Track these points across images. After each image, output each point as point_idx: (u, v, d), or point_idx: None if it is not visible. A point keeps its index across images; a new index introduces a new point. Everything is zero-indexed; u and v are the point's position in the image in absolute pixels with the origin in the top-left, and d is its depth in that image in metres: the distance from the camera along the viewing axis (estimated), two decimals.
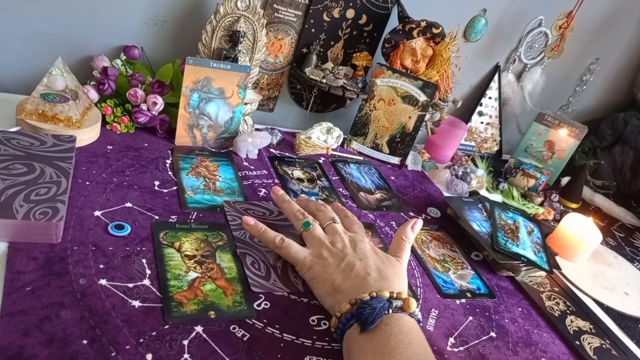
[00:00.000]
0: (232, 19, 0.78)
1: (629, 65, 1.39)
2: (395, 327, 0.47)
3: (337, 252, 0.58)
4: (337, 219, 0.63)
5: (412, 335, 0.47)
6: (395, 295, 0.50)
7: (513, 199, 1.07)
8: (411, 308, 0.50)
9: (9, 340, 0.40)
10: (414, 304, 0.50)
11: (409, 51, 0.95)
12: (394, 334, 0.47)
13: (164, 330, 0.47)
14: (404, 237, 0.63)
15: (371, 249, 0.59)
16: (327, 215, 0.63)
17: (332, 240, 0.59)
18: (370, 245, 0.60)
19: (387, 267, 0.57)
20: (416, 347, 0.46)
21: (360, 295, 0.51)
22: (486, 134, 1.26)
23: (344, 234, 0.61)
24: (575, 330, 0.70)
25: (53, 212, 0.51)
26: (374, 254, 0.58)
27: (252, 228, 0.61)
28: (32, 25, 0.76)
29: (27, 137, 0.62)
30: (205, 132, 0.81)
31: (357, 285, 0.53)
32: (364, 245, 0.59)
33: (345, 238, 0.60)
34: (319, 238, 0.60)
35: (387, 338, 0.46)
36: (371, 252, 0.58)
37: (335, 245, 0.59)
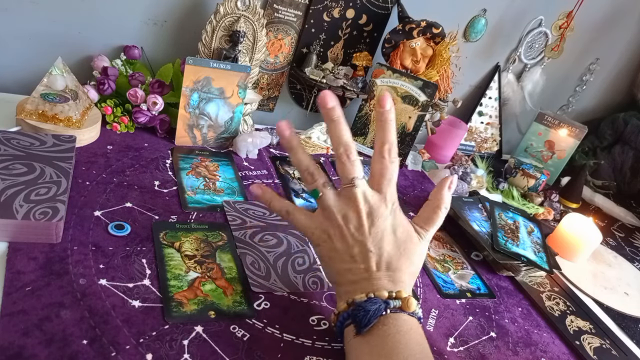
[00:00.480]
0: (232, 19, 0.78)
1: (629, 65, 1.39)
2: (392, 328, 0.46)
3: (346, 234, 0.50)
4: (360, 177, 0.51)
5: (411, 335, 0.46)
6: (394, 294, 0.48)
7: (513, 199, 1.07)
8: (411, 308, 0.47)
9: (9, 340, 0.40)
10: (414, 304, 0.48)
11: (409, 51, 0.95)
12: (391, 334, 0.45)
13: (164, 330, 0.47)
14: (441, 206, 0.55)
15: (390, 228, 0.51)
16: (347, 173, 0.51)
17: (345, 215, 0.50)
18: (391, 221, 0.51)
19: (401, 254, 0.51)
20: (414, 347, 0.45)
21: (356, 296, 0.48)
22: (486, 134, 1.26)
23: (363, 205, 0.50)
24: (575, 330, 0.70)
25: (53, 212, 0.51)
26: (391, 236, 0.51)
27: (260, 197, 0.56)
28: (32, 25, 0.76)
29: (27, 137, 0.62)
30: (205, 132, 0.81)
31: (358, 282, 0.50)
32: (382, 222, 0.50)
33: (363, 212, 0.50)
34: (329, 210, 0.51)
35: (383, 340, 0.45)
36: (389, 233, 0.51)
37: (348, 224, 0.50)
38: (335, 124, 0.52)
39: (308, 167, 0.52)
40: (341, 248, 0.50)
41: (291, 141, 0.53)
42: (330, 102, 0.51)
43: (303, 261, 0.62)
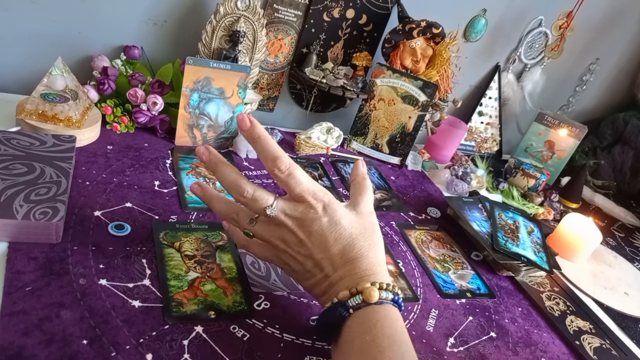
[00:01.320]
0: (232, 19, 0.78)
1: (629, 65, 1.39)
2: (357, 328, 0.44)
3: (294, 255, 0.50)
4: (269, 203, 0.49)
5: (377, 329, 0.44)
6: (355, 290, 0.46)
7: (513, 199, 1.07)
8: (372, 298, 0.45)
9: (9, 340, 0.40)
10: (375, 293, 0.45)
11: (409, 51, 0.95)
12: (356, 336, 0.44)
13: (164, 330, 0.47)
14: (362, 177, 0.55)
15: (328, 227, 0.49)
16: (257, 206, 0.49)
17: (283, 239, 0.50)
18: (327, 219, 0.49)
19: (351, 243, 0.49)
20: (382, 340, 0.43)
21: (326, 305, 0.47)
22: (486, 134, 1.26)
23: (291, 222, 0.49)
24: (575, 330, 0.70)
25: (53, 212, 0.51)
26: (333, 234, 0.49)
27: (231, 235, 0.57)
28: (32, 25, 0.76)
29: (27, 137, 0.62)
30: (205, 132, 0.81)
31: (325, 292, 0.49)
32: (318, 227, 0.49)
33: (295, 228, 0.49)
34: (269, 241, 0.51)
35: (350, 344, 0.44)
36: (330, 232, 0.49)
37: (290, 246, 0.50)
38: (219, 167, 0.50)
39: (230, 213, 0.52)
40: (297, 268, 0.51)
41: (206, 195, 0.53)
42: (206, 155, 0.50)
43: None
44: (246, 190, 0.48)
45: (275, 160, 0.47)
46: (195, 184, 0.54)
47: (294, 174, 0.48)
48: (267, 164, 0.48)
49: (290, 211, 0.49)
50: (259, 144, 0.48)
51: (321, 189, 0.50)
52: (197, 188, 0.54)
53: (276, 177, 0.48)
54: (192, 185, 0.54)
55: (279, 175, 0.48)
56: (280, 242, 0.50)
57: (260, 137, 0.48)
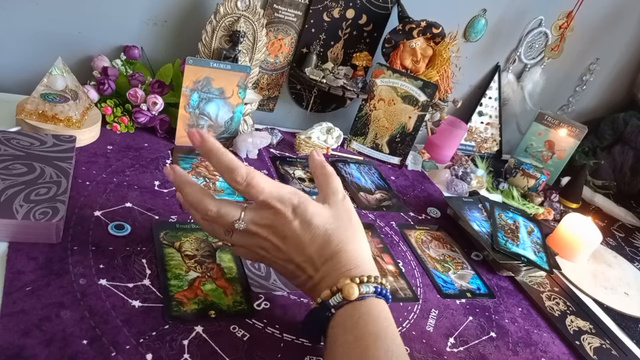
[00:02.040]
0: (232, 19, 0.78)
1: (629, 65, 1.39)
2: (339, 327, 0.44)
3: (275, 260, 0.50)
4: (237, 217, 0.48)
5: (360, 327, 0.43)
6: (335, 288, 0.45)
7: (513, 199, 1.07)
8: (352, 295, 0.44)
9: (9, 340, 0.40)
10: (354, 289, 0.44)
11: (409, 51, 0.95)
12: (339, 335, 0.44)
13: (164, 330, 0.47)
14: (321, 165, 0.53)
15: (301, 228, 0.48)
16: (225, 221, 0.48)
17: (260, 246, 0.50)
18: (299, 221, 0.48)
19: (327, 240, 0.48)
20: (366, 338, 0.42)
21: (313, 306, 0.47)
22: (486, 134, 1.26)
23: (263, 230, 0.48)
24: (575, 330, 0.70)
25: (53, 212, 0.51)
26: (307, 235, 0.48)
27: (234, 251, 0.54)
28: (32, 25, 0.76)
29: (27, 137, 0.62)
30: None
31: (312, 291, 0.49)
32: (290, 230, 0.48)
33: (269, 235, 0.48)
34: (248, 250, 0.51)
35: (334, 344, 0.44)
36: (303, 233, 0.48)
37: (268, 252, 0.50)
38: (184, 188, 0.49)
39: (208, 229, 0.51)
40: (282, 271, 0.51)
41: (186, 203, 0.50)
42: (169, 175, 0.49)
43: None
44: (209, 209, 0.47)
45: (232, 172, 0.46)
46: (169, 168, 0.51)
47: (253, 182, 0.46)
48: (224, 177, 0.47)
49: (259, 220, 0.48)
50: (213, 157, 0.47)
51: (289, 190, 0.48)
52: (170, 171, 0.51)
53: (236, 188, 0.47)
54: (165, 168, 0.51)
55: (238, 187, 0.47)
56: (259, 249, 0.50)
57: (212, 149, 0.47)
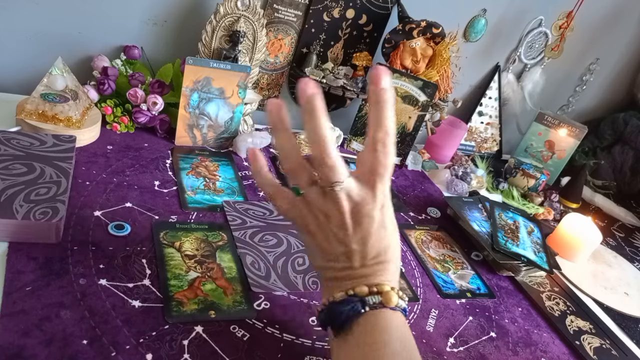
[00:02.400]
0: (232, 19, 0.78)
1: (629, 65, 1.39)
2: (371, 326, 0.43)
3: (329, 234, 0.46)
4: (342, 179, 0.44)
5: (390, 333, 0.43)
6: (375, 289, 0.44)
7: (513, 199, 1.07)
8: (391, 302, 0.43)
9: (9, 340, 0.40)
10: (394, 298, 0.44)
11: (409, 51, 0.95)
12: (368, 334, 0.43)
13: (164, 330, 0.47)
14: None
15: (375, 227, 0.46)
16: (330, 175, 0.44)
17: (327, 214, 0.46)
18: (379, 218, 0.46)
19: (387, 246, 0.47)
20: (394, 345, 0.42)
21: (336, 294, 0.45)
22: (486, 134, 1.26)
23: (347, 204, 0.45)
24: (575, 330, 0.70)
25: (53, 212, 0.51)
26: (377, 233, 0.46)
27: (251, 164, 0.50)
28: (32, 25, 0.76)
29: (27, 137, 0.62)
30: (205, 132, 0.81)
31: (340, 279, 0.46)
32: (368, 221, 0.46)
33: (347, 212, 0.45)
34: (311, 207, 0.47)
35: (361, 340, 0.43)
36: (376, 230, 0.46)
37: (330, 224, 0.46)
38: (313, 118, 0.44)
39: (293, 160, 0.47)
40: (325, 246, 0.47)
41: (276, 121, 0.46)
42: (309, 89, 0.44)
43: (303, 261, 0.62)
44: (331, 154, 0.44)
45: (387, 134, 0.44)
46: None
47: (392, 157, 0.45)
48: (376, 133, 0.45)
49: (354, 193, 0.45)
50: (381, 109, 0.44)
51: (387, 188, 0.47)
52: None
53: (374, 149, 0.45)
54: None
55: (379, 149, 0.44)
56: (323, 216, 0.46)
57: (386, 102, 0.44)
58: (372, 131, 0.45)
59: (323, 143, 0.44)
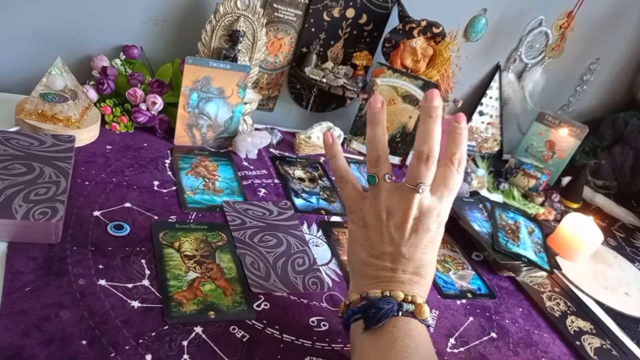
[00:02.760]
0: (231, 18, 0.78)
1: (629, 65, 1.39)
2: (402, 331, 0.45)
3: (384, 231, 0.48)
4: (427, 184, 0.48)
5: (419, 341, 0.45)
6: (410, 298, 0.46)
7: (514, 199, 1.06)
8: (423, 315, 0.46)
9: (9, 340, 0.40)
10: (427, 311, 0.46)
11: (409, 51, 0.94)
12: (400, 337, 0.44)
13: (164, 330, 0.46)
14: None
15: (430, 239, 0.49)
16: (423, 174, 0.48)
17: (391, 211, 0.48)
18: (435, 231, 0.49)
19: (430, 262, 0.49)
20: (422, 353, 0.44)
21: (371, 291, 0.47)
22: (487, 133, 1.26)
23: (415, 209, 0.48)
24: (575, 330, 0.69)
25: (52, 212, 0.51)
26: (428, 248, 0.49)
27: (327, 147, 0.54)
28: (32, 25, 0.76)
29: (26, 137, 0.62)
30: (205, 132, 0.81)
31: (378, 278, 0.48)
32: (425, 233, 0.48)
33: (411, 216, 0.48)
34: (377, 201, 0.49)
35: (392, 342, 0.44)
36: (428, 244, 0.49)
37: (389, 221, 0.48)
38: (433, 121, 0.50)
39: (382, 150, 0.51)
40: (375, 241, 0.49)
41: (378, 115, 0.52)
42: (435, 100, 0.50)
43: (303, 261, 0.62)
44: (435, 156, 0.49)
45: (463, 158, 0.50)
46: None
47: (462, 176, 0.50)
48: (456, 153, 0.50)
49: (425, 203, 0.49)
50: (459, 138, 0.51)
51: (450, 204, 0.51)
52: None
53: (449, 164, 0.50)
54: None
55: (454, 166, 0.50)
56: (385, 213, 0.49)
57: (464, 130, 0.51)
58: (450, 152, 0.50)
59: (434, 144, 0.49)
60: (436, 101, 0.50)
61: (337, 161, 0.54)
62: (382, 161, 0.50)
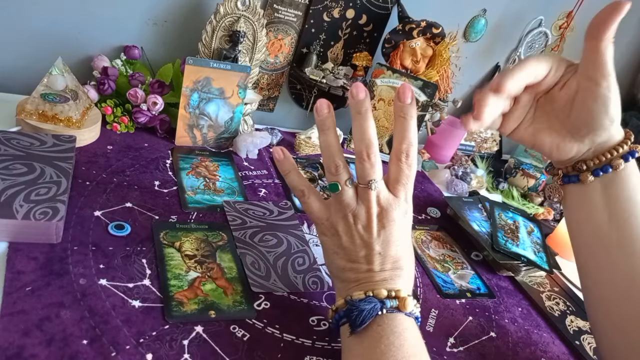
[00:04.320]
0: (232, 19, 0.78)
1: (629, 65, 1.39)
2: (387, 329, 0.45)
3: (355, 234, 0.49)
4: (378, 179, 0.49)
5: (406, 336, 0.45)
6: (394, 293, 0.47)
7: (513, 199, 1.07)
8: (407, 308, 0.46)
9: (9, 340, 0.40)
10: (411, 304, 0.46)
11: (409, 51, 0.95)
12: (384, 336, 0.44)
13: (164, 330, 0.47)
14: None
15: (400, 231, 0.50)
16: (365, 174, 0.49)
17: (356, 215, 0.49)
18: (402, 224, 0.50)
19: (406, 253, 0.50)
20: (409, 348, 0.44)
21: (354, 293, 0.47)
22: (486, 134, 1.26)
23: (375, 207, 0.49)
24: (575, 330, 0.70)
25: (53, 212, 0.51)
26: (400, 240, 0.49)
27: (279, 163, 0.55)
28: (32, 26, 0.76)
29: (27, 137, 0.62)
30: (205, 132, 0.81)
31: (358, 281, 0.49)
32: (393, 226, 0.49)
33: (374, 214, 0.49)
34: (343, 207, 0.50)
35: (377, 342, 0.44)
36: (399, 237, 0.49)
37: (357, 224, 0.49)
38: (362, 117, 0.49)
39: (339, 158, 0.51)
40: (348, 247, 0.50)
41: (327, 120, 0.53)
42: (360, 94, 0.49)
43: (303, 261, 0.62)
44: (375, 153, 0.49)
45: (410, 146, 0.49)
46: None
47: (413, 167, 0.49)
48: (399, 145, 0.49)
49: (382, 197, 0.49)
50: (405, 123, 0.49)
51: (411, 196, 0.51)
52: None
53: (397, 160, 0.49)
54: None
55: (402, 160, 0.49)
56: (352, 217, 0.49)
57: (411, 117, 0.49)
58: (397, 143, 0.49)
59: (370, 142, 0.49)
60: (361, 94, 0.49)
61: (292, 176, 0.54)
62: (341, 168, 0.50)
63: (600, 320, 0.54)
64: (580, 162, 0.53)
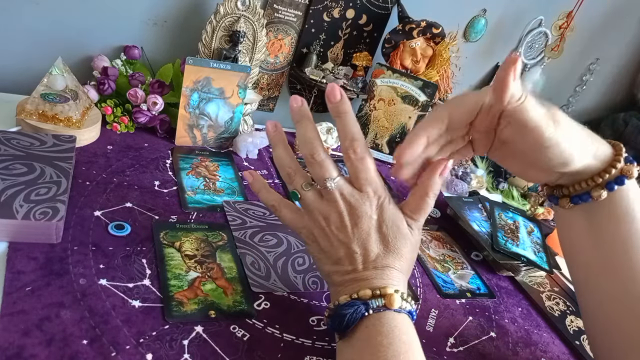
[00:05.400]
0: (232, 19, 0.78)
1: (629, 65, 1.39)
2: (374, 329, 0.44)
3: (330, 236, 0.48)
4: (333, 176, 0.48)
5: (395, 334, 0.43)
6: (378, 292, 0.45)
7: (513, 199, 1.07)
8: (394, 305, 0.44)
9: (9, 340, 0.40)
10: (397, 300, 0.45)
11: (409, 51, 0.95)
12: (372, 336, 0.43)
13: (164, 330, 0.47)
14: (429, 193, 0.49)
15: (376, 226, 0.48)
16: (320, 172, 0.48)
17: (327, 217, 0.48)
18: (377, 218, 0.48)
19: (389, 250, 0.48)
20: (399, 345, 0.43)
21: (341, 297, 0.46)
22: None
23: (343, 205, 0.48)
24: (575, 330, 0.70)
25: (53, 212, 0.51)
26: (377, 234, 0.48)
27: (250, 184, 0.55)
28: (32, 26, 0.76)
29: (27, 137, 0.62)
30: (206, 132, 0.81)
31: (344, 284, 0.48)
32: (366, 222, 0.48)
33: (344, 213, 0.48)
34: (311, 212, 0.50)
35: (366, 343, 0.43)
36: (375, 232, 0.48)
37: (330, 226, 0.48)
38: (301, 125, 0.50)
39: (288, 166, 0.51)
40: (328, 250, 0.49)
41: (274, 137, 0.52)
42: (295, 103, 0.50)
43: (303, 261, 0.62)
44: (319, 152, 0.48)
45: (353, 141, 0.48)
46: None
47: (366, 159, 0.48)
48: (344, 143, 0.48)
49: (347, 194, 0.48)
50: (343, 120, 0.48)
51: (382, 185, 0.49)
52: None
53: (348, 158, 0.48)
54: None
55: (351, 157, 0.48)
56: (323, 219, 0.49)
57: (346, 113, 0.48)
58: (341, 142, 0.49)
59: (311, 144, 0.49)
60: (295, 103, 0.50)
61: (262, 194, 0.54)
62: (293, 174, 0.50)
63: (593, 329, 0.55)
64: (558, 186, 0.51)
